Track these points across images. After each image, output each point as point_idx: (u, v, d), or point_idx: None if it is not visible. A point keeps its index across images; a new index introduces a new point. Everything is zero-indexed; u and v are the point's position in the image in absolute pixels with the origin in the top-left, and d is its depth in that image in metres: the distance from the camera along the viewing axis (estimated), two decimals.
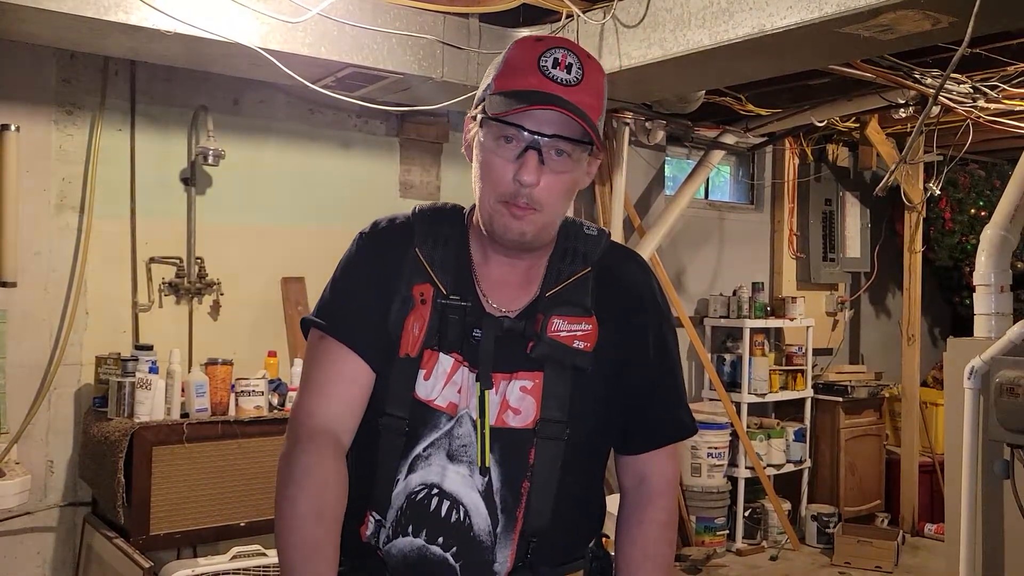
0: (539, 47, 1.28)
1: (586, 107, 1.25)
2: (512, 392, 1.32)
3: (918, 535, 5.50)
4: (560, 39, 1.32)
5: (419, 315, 1.33)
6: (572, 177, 1.31)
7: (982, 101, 4.40)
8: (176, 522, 3.23)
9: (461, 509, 1.30)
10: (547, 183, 1.27)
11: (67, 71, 3.56)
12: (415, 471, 1.32)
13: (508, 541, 1.30)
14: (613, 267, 1.41)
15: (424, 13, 3.53)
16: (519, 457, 1.31)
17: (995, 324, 3.14)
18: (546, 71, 1.25)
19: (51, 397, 3.52)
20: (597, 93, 1.29)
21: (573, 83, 1.25)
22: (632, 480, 1.44)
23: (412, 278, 1.35)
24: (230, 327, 3.90)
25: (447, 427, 1.32)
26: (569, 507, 1.35)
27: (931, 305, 6.59)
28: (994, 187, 6.18)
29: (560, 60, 1.26)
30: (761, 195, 6.07)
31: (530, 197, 1.27)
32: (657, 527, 1.40)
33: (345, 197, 4.20)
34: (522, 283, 1.38)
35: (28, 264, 3.46)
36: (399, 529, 1.31)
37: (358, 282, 1.39)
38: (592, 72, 1.29)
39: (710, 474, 5.08)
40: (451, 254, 1.37)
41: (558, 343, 1.32)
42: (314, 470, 1.29)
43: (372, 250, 1.40)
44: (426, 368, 1.33)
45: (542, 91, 1.24)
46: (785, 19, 2.90)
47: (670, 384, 1.44)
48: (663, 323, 1.44)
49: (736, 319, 5.42)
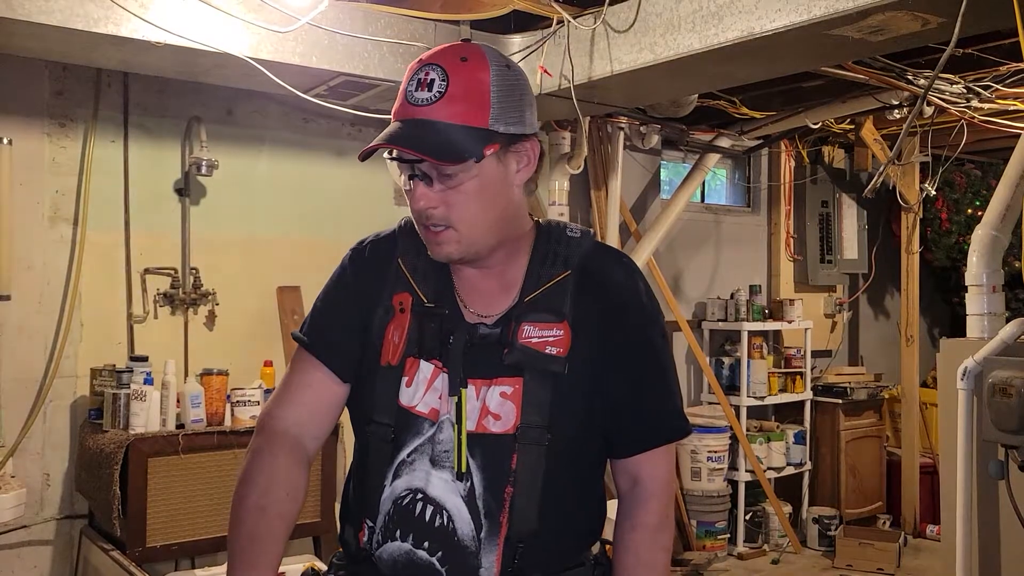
0: (414, 67, 1.31)
1: (451, 116, 1.27)
2: (492, 398, 1.33)
3: (920, 537, 5.49)
4: (440, 52, 1.32)
5: (399, 323, 1.38)
6: (478, 183, 1.30)
7: (975, 101, 4.40)
8: (173, 534, 3.23)
9: (444, 514, 1.32)
10: (449, 199, 1.30)
11: (60, 83, 3.57)
12: (400, 476, 1.35)
13: (493, 546, 1.31)
14: (595, 270, 1.40)
15: (415, 21, 3.53)
16: (501, 462, 1.32)
17: (988, 324, 3.12)
18: (409, 95, 1.29)
19: (47, 410, 3.52)
20: (468, 95, 1.28)
21: (433, 100, 1.27)
22: (626, 484, 1.44)
23: (394, 288, 1.40)
24: (225, 337, 3.90)
25: (429, 433, 1.35)
26: (558, 513, 1.35)
27: (929, 306, 6.59)
28: (990, 187, 6.15)
29: (423, 80, 1.28)
30: (757, 198, 6.06)
31: (435, 219, 1.31)
32: (650, 531, 1.40)
33: (339, 206, 4.21)
34: (500, 289, 1.39)
35: (22, 277, 3.46)
36: (387, 534, 1.34)
37: (336, 298, 1.48)
38: (460, 76, 1.28)
39: (710, 478, 5.07)
40: (432, 263, 1.39)
41: (529, 349, 1.33)
42: (265, 469, 1.38)
43: (355, 266, 1.47)
44: (408, 375, 1.36)
45: (400, 118, 1.30)
46: (774, 22, 2.90)
47: (659, 386, 1.42)
48: (648, 325, 1.43)
49: (734, 322, 5.42)
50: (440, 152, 1.26)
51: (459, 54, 1.31)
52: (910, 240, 5.73)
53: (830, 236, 6.17)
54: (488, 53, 1.32)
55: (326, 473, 3.55)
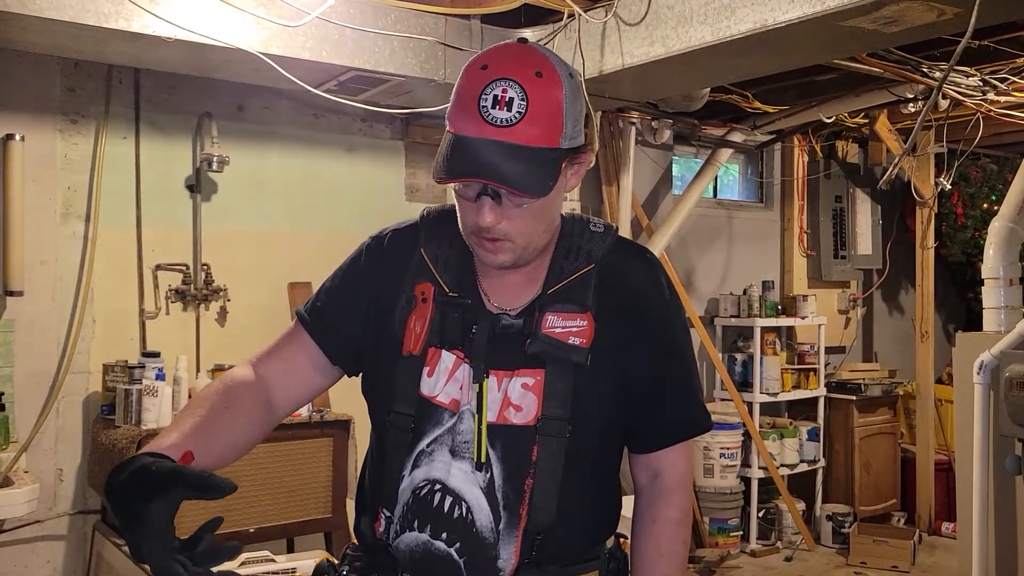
0: (483, 78, 1.24)
1: (531, 139, 1.22)
2: (513, 389, 1.33)
3: (935, 534, 5.45)
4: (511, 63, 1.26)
5: (420, 313, 1.37)
6: (542, 203, 1.29)
7: (991, 94, 4.35)
8: (184, 529, 3.22)
9: (463, 505, 1.31)
10: (510, 218, 1.28)
11: (71, 80, 3.58)
12: (419, 467, 1.34)
13: (512, 538, 1.30)
14: (617, 265, 1.40)
15: (425, 15, 3.53)
16: (521, 454, 1.32)
17: (1004, 318, 3.10)
18: (485, 112, 1.22)
19: (59, 406, 3.53)
20: (548, 116, 1.24)
21: (514, 121, 1.22)
22: (645, 478, 1.44)
23: (416, 278, 1.39)
24: (237, 333, 3.90)
25: (449, 423, 1.34)
26: (577, 505, 1.34)
27: (945, 301, 6.54)
28: (1006, 181, 6.11)
29: (500, 97, 1.22)
30: (770, 193, 6.03)
31: (496, 233, 1.29)
32: (671, 524, 1.41)
33: (350, 201, 4.20)
34: (525, 282, 1.39)
35: (35, 273, 3.47)
36: (405, 524, 1.33)
37: (344, 283, 1.48)
38: (539, 95, 1.23)
39: (723, 475, 5.05)
40: (455, 253, 1.39)
41: (553, 339, 1.33)
42: (238, 375, 1.42)
43: (371, 254, 1.46)
44: (429, 365, 1.35)
45: (476, 135, 1.22)
46: (787, 13, 2.88)
47: (681, 380, 1.43)
48: (671, 319, 1.43)
49: (747, 318, 5.39)
50: (525, 184, 1.23)
51: (532, 68, 1.25)
52: (925, 235, 5.69)
53: (844, 231, 6.13)
54: (556, 64, 1.27)
55: (337, 468, 3.55)
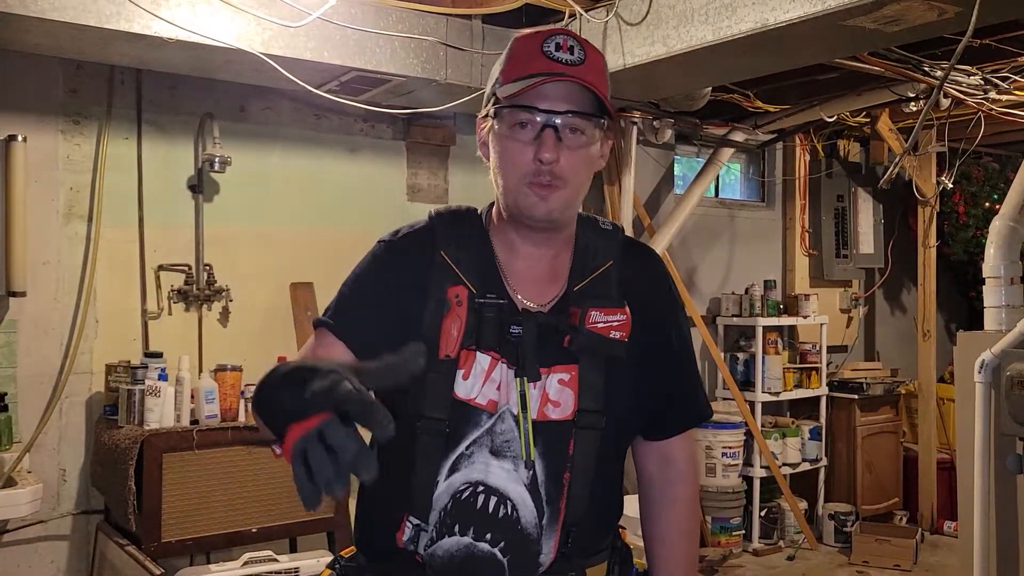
0: (540, 36, 1.33)
1: (592, 83, 1.30)
2: (551, 385, 1.35)
3: (937, 533, 5.45)
4: (558, 28, 1.38)
5: (456, 316, 1.34)
6: (589, 153, 1.35)
7: (993, 93, 4.35)
8: (187, 529, 3.23)
9: (508, 504, 1.32)
10: (567, 159, 1.32)
11: (73, 81, 3.58)
12: (458, 470, 1.33)
13: (552, 532, 1.33)
14: (632, 262, 1.46)
15: (426, 15, 3.53)
16: (560, 449, 1.34)
17: (1005, 317, 3.10)
18: (550, 54, 1.31)
19: (62, 406, 3.54)
20: (600, 72, 1.34)
21: (577, 63, 1.31)
22: (656, 463, 1.50)
23: (443, 281, 1.37)
24: (239, 333, 3.91)
25: (488, 424, 1.34)
26: (603, 495, 1.39)
27: (947, 300, 6.53)
28: (1008, 180, 6.10)
29: (562, 44, 1.31)
30: (772, 192, 6.02)
31: (552, 174, 1.31)
32: (687, 504, 1.49)
33: (352, 202, 4.21)
34: (549, 278, 1.41)
35: (37, 274, 3.48)
36: (444, 530, 1.31)
37: (367, 286, 1.42)
38: (593, 53, 1.34)
39: (725, 474, 5.04)
40: (475, 254, 1.39)
41: (596, 335, 1.35)
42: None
43: (390, 258, 1.42)
44: (464, 368, 1.34)
45: (547, 71, 1.29)
46: (788, 13, 2.88)
47: (690, 370, 1.53)
48: (679, 313, 1.54)
49: (749, 317, 5.39)
50: (599, 107, 1.31)
51: (579, 36, 1.36)
52: (927, 234, 5.68)
53: (846, 230, 6.12)
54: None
55: None
